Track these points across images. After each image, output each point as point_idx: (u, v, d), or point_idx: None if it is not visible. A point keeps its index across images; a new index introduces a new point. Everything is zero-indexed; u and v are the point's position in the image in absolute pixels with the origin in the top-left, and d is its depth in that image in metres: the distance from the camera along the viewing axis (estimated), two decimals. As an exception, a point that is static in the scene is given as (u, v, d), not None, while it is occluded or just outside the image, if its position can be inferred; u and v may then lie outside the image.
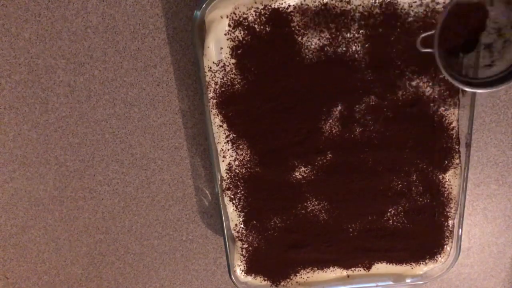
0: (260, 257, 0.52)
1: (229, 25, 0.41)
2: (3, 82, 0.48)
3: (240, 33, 0.41)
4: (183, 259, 0.57)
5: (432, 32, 0.35)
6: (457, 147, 0.46)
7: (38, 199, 0.54)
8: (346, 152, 0.46)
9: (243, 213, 0.50)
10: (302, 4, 0.40)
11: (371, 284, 0.53)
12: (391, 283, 0.53)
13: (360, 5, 0.40)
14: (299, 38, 0.41)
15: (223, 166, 0.47)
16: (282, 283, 0.53)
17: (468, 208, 0.55)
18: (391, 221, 0.50)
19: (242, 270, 0.53)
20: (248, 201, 0.49)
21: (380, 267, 0.53)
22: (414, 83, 0.43)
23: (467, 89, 0.37)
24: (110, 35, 0.46)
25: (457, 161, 0.47)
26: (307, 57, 0.42)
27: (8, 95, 0.48)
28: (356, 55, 0.42)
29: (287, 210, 0.50)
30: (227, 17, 0.41)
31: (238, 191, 0.49)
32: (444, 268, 0.52)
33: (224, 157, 0.47)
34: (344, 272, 0.53)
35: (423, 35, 0.38)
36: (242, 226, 0.50)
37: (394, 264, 0.53)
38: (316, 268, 0.53)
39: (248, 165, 0.47)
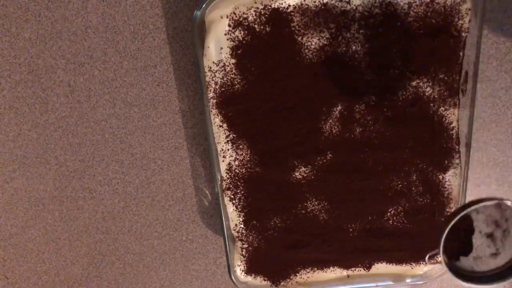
0: (260, 257, 0.52)
1: (229, 25, 0.41)
2: (3, 82, 0.48)
3: (240, 33, 0.41)
4: (183, 259, 0.57)
5: (436, 251, 0.39)
6: (457, 147, 0.46)
7: (38, 199, 0.54)
8: (346, 152, 0.46)
9: (243, 213, 0.50)
10: (302, 4, 0.40)
11: (371, 284, 0.53)
12: (391, 283, 0.53)
13: (360, 5, 0.40)
14: (299, 38, 0.41)
15: (223, 166, 0.47)
16: (282, 283, 0.53)
17: (468, 208, 0.54)
18: (391, 221, 0.50)
19: (242, 270, 0.53)
20: (248, 201, 0.49)
21: (380, 267, 0.53)
22: (414, 83, 0.43)
23: (480, 287, 0.39)
24: (110, 35, 0.46)
25: (457, 161, 0.47)
26: (307, 57, 0.42)
27: (8, 95, 0.48)
28: (356, 55, 0.42)
29: (287, 210, 0.50)
30: (227, 17, 0.41)
31: (238, 191, 0.49)
32: (444, 268, 0.52)
33: (224, 157, 0.47)
34: (344, 272, 0.53)
35: (429, 254, 0.45)
36: (242, 226, 0.50)
37: (394, 264, 0.53)
38: (316, 268, 0.53)
39: (248, 165, 0.47)
